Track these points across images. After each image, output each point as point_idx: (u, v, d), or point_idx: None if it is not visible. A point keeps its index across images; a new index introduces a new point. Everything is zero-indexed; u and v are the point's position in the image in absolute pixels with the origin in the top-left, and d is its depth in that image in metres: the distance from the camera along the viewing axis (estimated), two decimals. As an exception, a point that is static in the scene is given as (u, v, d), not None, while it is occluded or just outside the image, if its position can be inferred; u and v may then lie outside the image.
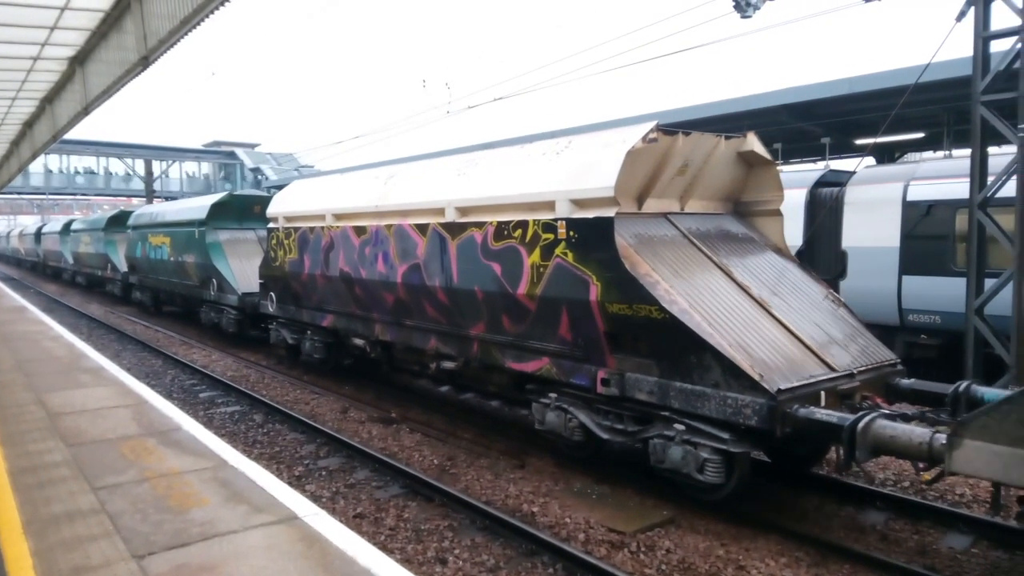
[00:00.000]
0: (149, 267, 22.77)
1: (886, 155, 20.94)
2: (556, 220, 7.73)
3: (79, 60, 12.69)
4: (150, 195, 45.29)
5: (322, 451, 9.38)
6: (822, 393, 6.48)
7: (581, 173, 7.58)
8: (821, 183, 13.38)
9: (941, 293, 11.36)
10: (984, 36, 9.73)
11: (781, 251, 8.67)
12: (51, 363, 10.80)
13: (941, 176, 11.81)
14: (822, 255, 12.88)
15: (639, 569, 6.06)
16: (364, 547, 4.49)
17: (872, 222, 12.20)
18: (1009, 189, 9.34)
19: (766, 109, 17.16)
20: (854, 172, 13.13)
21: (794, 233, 12.87)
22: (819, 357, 6.91)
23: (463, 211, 9.08)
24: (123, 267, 26.39)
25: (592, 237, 7.37)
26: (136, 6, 9.58)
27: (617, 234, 7.24)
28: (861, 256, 12.31)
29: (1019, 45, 9.33)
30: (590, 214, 7.41)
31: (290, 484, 7.25)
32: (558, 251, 7.73)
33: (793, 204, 13.15)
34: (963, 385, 6.72)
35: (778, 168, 8.90)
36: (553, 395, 8.27)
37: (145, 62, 9.93)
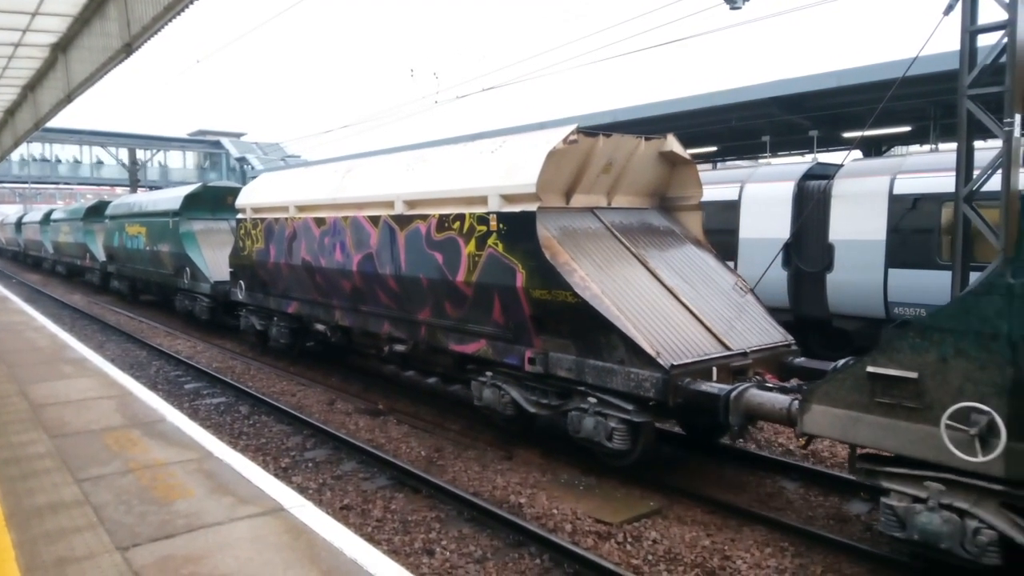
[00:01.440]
0: (126, 256, 23.31)
1: (873, 148, 21.05)
2: (488, 213, 8.43)
3: (61, 47, 12.50)
4: (134, 184, 44.87)
5: (309, 443, 9.35)
6: (714, 369, 7.25)
7: (510, 171, 8.26)
8: (809, 176, 13.43)
9: (926, 286, 11.44)
10: (971, 30, 9.75)
11: (700, 243, 9.38)
12: (34, 354, 10.69)
13: (927, 170, 11.88)
14: (809, 248, 12.94)
15: (626, 560, 6.08)
16: (351, 538, 4.47)
17: (859, 215, 12.27)
18: (995, 183, 9.40)
19: (754, 102, 17.18)
20: (841, 165, 13.18)
21: (782, 226, 12.92)
22: (716, 337, 7.67)
23: (410, 204, 9.73)
24: (101, 256, 26.80)
25: (518, 229, 8.08)
26: (120, -8, 9.45)
27: (540, 226, 7.96)
28: (848, 249, 12.37)
29: (1005, 40, 9.38)
30: (516, 208, 8.10)
31: (276, 476, 7.23)
32: (490, 242, 8.43)
33: (781, 197, 13.19)
34: (842, 362, 7.01)
35: (698, 167, 9.69)
36: (489, 374, 8.96)
37: (129, 49, 9.79)
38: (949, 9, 9.78)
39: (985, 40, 9.97)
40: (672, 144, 9.25)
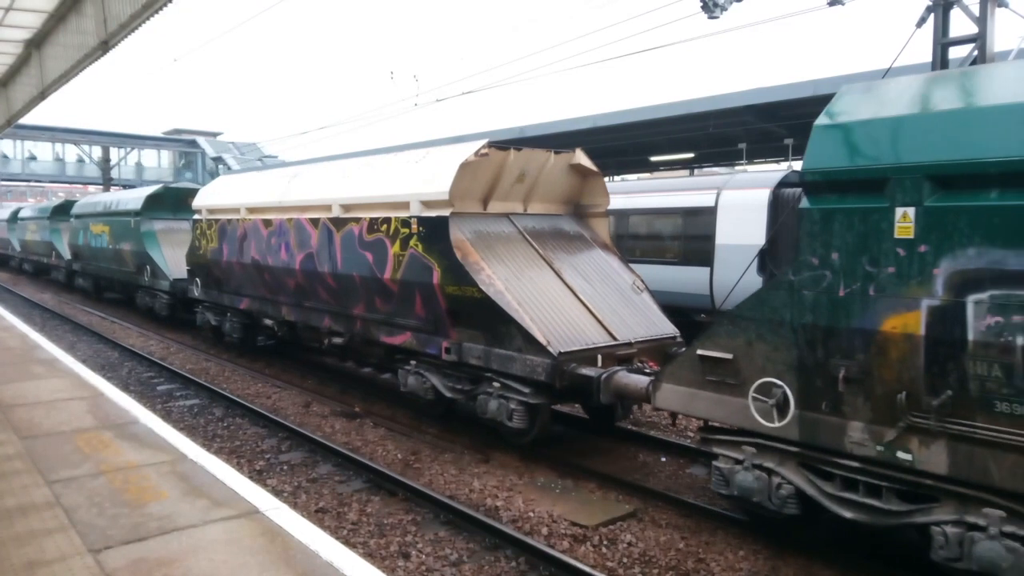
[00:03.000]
0: (91, 254, 23.86)
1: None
2: (410, 217, 9.30)
3: (35, 43, 12.34)
4: (107, 183, 44.25)
5: (284, 445, 9.29)
6: (599, 356, 8.13)
7: (429, 179, 9.14)
8: (784, 184, 13.60)
9: None
10: (943, 42, 9.97)
11: (606, 246, 10.31)
12: (3, 354, 10.52)
13: None
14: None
15: (601, 562, 6.12)
16: (326, 541, 4.46)
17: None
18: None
19: (731, 109, 17.41)
20: None
21: (757, 232, 13.07)
22: (606, 329, 8.57)
23: (346, 208, 10.55)
24: (67, 255, 27.32)
25: (434, 232, 8.94)
26: (96, -11, 9.35)
27: (454, 229, 8.84)
28: None
29: (976, 52, 9.59)
30: (433, 213, 8.98)
31: (251, 478, 7.18)
32: (412, 243, 9.29)
33: (757, 204, 13.34)
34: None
35: (604, 178, 10.59)
36: (413, 363, 9.84)
37: (105, 47, 9.69)
38: (922, 22, 9.98)
39: (956, 52, 10.18)
40: (580, 157, 10.10)
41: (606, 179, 12.47)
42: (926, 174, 4.93)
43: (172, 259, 18.04)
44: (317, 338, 12.28)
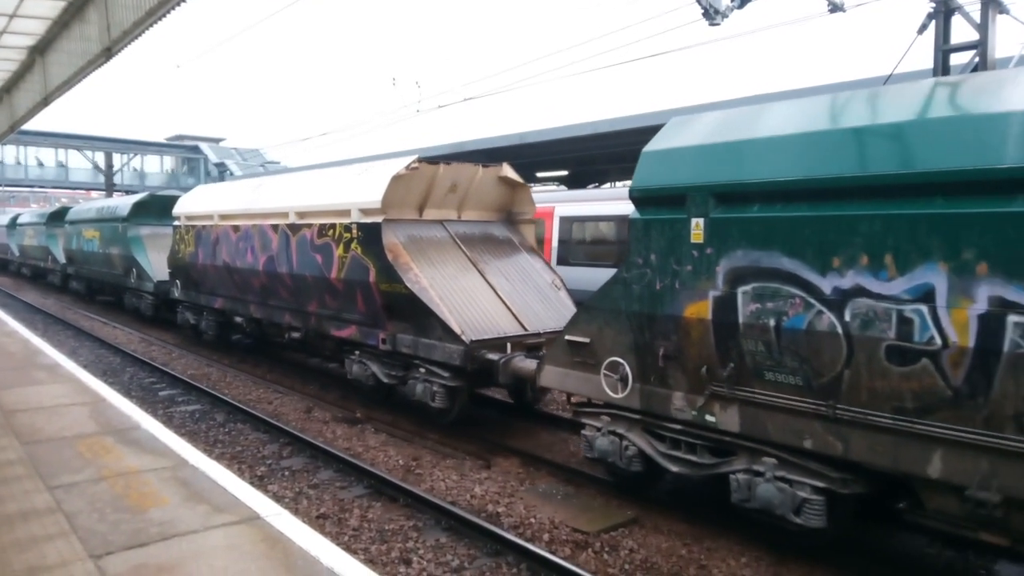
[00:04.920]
0: (83, 258, 25.01)
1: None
2: (351, 223, 10.36)
3: (39, 50, 12.39)
4: (110, 188, 44.35)
5: (285, 451, 9.28)
6: (508, 344, 9.15)
7: (367, 190, 10.23)
8: None
9: None
10: (944, 49, 9.98)
11: (532, 249, 11.39)
12: (5, 359, 10.53)
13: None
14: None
15: (603, 569, 6.10)
16: (327, 547, 4.45)
17: None
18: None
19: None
20: None
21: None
22: (519, 321, 9.64)
23: (300, 215, 11.71)
24: (62, 259, 28.37)
25: (370, 236, 10.00)
26: (100, -4, 9.39)
27: (388, 234, 9.89)
28: None
29: (977, 59, 9.60)
30: (369, 220, 10.06)
31: (252, 484, 7.16)
32: (353, 246, 10.33)
33: None
34: None
35: (530, 187, 11.86)
36: (357, 353, 10.95)
37: (108, 53, 9.72)
38: (923, 28, 10.00)
39: (958, 59, 10.20)
40: (507, 171, 11.25)
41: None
42: (711, 192, 6.07)
43: (156, 262, 18.98)
44: (280, 333, 13.46)
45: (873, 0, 10.45)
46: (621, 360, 6.93)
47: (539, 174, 26.75)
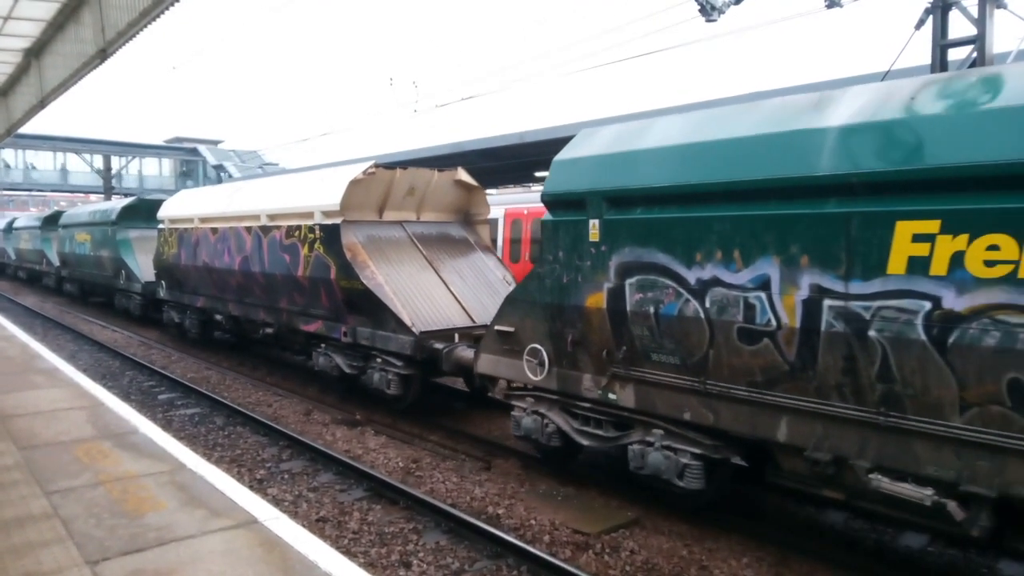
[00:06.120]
0: (76, 261, 25.78)
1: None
2: (315, 225, 11.08)
3: (34, 52, 12.36)
4: (108, 192, 44.32)
5: (285, 454, 9.24)
6: (456, 335, 9.84)
7: (327, 193, 10.93)
8: None
9: None
10: (942, 44, 9.94)
11: (487, 248, 12.12)
12: (3, 364, 10.50)
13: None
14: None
15: (603, 570, 6.07)
16: (326, 551, 4.42)
17: None
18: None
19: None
20: None
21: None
22: (468, 314, 10.35)
23: (271, 217, 12.39)
24: (56, 262, 29.14)
25: (331, 236, 10.70)
26: (94, -2, 9.36)
27: (348, 234, 10.59)
28: None
29: (975, 54, 9.57)
30: (330, 221, 10.77)
31: (251, 488, 7.15)
32: (316, 245, 11.02)
33: None
34: None
35: (484, 190, 12.57)
36: (323, 346, 11.67)
37: (103, 55, 9.70)
38: (921, 24, 9.97)
39: (956, 54, 10.16)
40: (461, 174, 11.96)
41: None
42: (604, 197, 6.75)
43: (144, 264, 19.67)
44: (255, 329, 14.15)
45: (871, -4, 10.44)
46: (540, 346, 7.64)
47: (538, 174, 26.87)
